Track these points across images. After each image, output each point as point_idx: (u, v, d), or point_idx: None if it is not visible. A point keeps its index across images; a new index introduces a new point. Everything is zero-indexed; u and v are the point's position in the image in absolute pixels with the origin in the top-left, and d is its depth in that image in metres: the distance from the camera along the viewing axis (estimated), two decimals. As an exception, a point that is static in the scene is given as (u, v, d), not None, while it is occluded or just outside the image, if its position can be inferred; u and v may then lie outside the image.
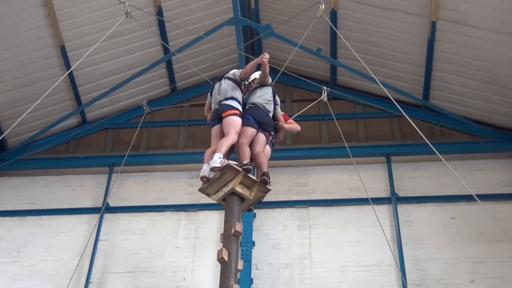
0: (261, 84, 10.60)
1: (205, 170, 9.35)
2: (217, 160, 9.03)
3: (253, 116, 10.00)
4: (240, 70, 10.62)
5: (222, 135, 9.76)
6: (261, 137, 10.02)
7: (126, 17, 11.68)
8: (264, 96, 10.41)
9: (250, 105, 10.35)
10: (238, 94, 10.29)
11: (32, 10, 13.71)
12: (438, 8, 13.58)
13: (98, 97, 15.60)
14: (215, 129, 10.05)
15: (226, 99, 10.09)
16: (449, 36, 14.07)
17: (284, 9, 15.46)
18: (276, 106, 10.71)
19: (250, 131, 9.83)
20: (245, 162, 9.19)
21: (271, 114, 10.40)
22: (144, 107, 13.36)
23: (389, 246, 12.38)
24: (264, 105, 10.28)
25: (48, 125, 15.71)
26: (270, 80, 10.65)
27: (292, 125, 11.04)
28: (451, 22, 13.72)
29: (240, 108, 10.09)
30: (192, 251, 14.14)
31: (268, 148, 10.19)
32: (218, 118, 9.99)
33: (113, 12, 13.71)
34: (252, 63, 10.36)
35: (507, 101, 14.54)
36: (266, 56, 10.14)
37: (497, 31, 13.25)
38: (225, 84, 10.38)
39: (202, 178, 9.32)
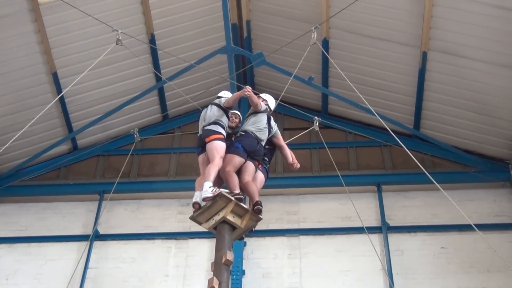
0: (255, 111, 10.40)
1: (197, 196, 9.24)
2: (208, 189, 8.94)
3: (242, 144, 9.79)
4: (226, 97, 10.49)
5: (209, 162, 9.64)
6: (250, 166, 9.81)
7: (117, 44, 11.72)
8: (257, 124, 10.19)
9: (242, 133, 10.17)
10: (224, 120, 10.19)
11: (24, 37, 13.74)
12: (429, 39, 13.70)
13: (89, 124, 15.56)
14: (201, 157, 9.98)
15: (209, 124, 10.02)
16: (440, 66, 14.16)
17: (276, 38, 15.55)
18: (272, 131, 10.48)
19: (237, 159, 9.63)
20: (236, 192, 9.07)
21: (263, 143, 10.19)
22: (135, 135, 13.35)
23: (382, 275, 12.36)
24: (255, 133, 10.04)
25: (39, 152, 15.66)
26: (263, 107, 10.42)
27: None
28: (442, 52, 13.83)
29: (224, 132, 9.98)
30: (182, 279, 14.05)
31: (261, 176, 10.04)
32: (202, 145, 9.88)
33: (105, 40, 13.74)
34: (235, 95, 10.35)
35: (497, 131, 14.61)
36: (247, 89, 10.08)
37: (488, 62, 13.35)
38: (211, 110, 10.30)
39: (194, 204, 9.20)
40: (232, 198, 8.76)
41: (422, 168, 10.18)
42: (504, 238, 13.96)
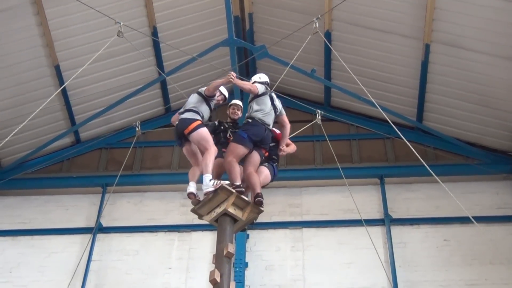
0: (255, 95, 9.91)
1: (191, 186, 9.21)
2: (209, 183, 8.84)
3: (248, 134, 9.37)
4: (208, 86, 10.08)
5: (196, 151, 9.54)
6: (255, 156, 9.49)
7: (118, 36, 11.69)
8: (261, 108, 9.75)
9: (248, 120, 9.69)
10: (203, 108, 9.76)
11: (27, 29, 13.73)
12: (432, 31, 13.67)
13: (92, 116, 15.60)
14: (186, 149, 9.67)
15: (184, 111, 9.68)
16: (442, 59, 14.14)
17: (279, 31, 15.52)
18: (277, 111, 10.08)
19: (241, 150, 9.30)
20: (237, 184, 8.94)
21: (271, 126, 9.85)
22: (137, 128, 13.33)
23: (383, 268, 12.36)
24: (262, 119, 9.64)
25: (42, 145, 15.68)
26: (260, 89, 9.89)
27: (291, 147, 10.40)
28: (445, 44, 13.80)
29: (199, 117, 9.51)
30: (185, 272, 14.09)
31: (266, 171, 9.73)
32: (182, 136, 9.50)
33: (108, 32, 13.73)
34: (217, 83, 9.90)
35: (500, 123, 14.60)
36: (231, 75, 9.68)
37: (491, 54, 13.33)
38: (191, 98, 10.01)
39: (189, 195, 9.20)
40: (233, 191, 8.74)
41: (422, 161, 10.22)
42: (506, 231, 13.97)
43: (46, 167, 16.17)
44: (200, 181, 9.13)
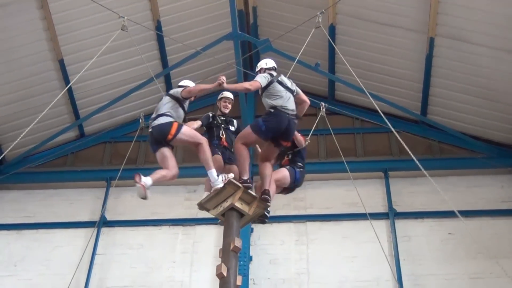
0: (263, 88, 9.13)
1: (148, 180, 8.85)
2: (217, 179, 8.71)
3: (266, 126, 8.72)
4: (185, 87, 9.67)
5: (169, 155, 9.10)
6: (273, 152, 9.11)
7: (122, 30, 11.67)
8: (278, 95, 8.98)
9: (271, 110, 8.88)
10: (179, 113, 9.40)
11: (31, 24, 13.75)
12: (436, 25, 13.64)
13: (96, 110, 15.59)
14: (160, 154, 9.14)
15: (157, 117, 9.17)
16: (447, 52, 14.11)
17: (283, 25, 15.49)
18: (294, 92, 9.33)
19: (253, 138, 8.83)
20: (245, 178, 8.80)
21: (294, 111, 9.04)
22: (141, 120, 13.32)
23: (388, 262, 12.36)
24: (285, 107, 8.85)
25: (46, 139, 15.70)
26: (263, 81, 9.09)
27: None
28: (449, 38, 13.78)
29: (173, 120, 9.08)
30: (189, 265, 14.10)
31: (285, 172, 9.29)
32: (159, 142, 9.04)
33: (112, 26, 13.72)
34: (203, 87, 9.59)
35: (505, 117, 14.57)
36: (221, 80, 9.02)
37: (495, 48, 13.30)
38: (163, 101, 9.53)
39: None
40: (241, 186, 8.73)
41: (411, 155, 10.00)
42: (511, 224, 13.95)
43: (50, 161, 16.21)
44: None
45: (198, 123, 10.13)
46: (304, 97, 9.64)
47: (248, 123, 14.25)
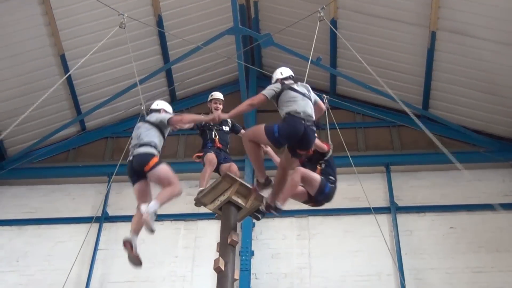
0: (276, 98, 8.25)
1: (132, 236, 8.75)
2: (149, 210, 8.41)
3: (280, 133, 7.69)
4: (170, 114, 9.28)
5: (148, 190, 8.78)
6: (290, 159, 8.08)
7: (120, 27, 11.68)
8: (291, 100, 8.00)
9: (285, 115, 7.88)
10: (159, 141, 8.91)
11: (32, 19, 13.75)
12: (438, 18, 13.62)
13: (98, 106, 15.59)
14: (138, 186, 8.79)
15: (140, 145, 8.67)
16: (448, 46, 14.10)
17: (284, 19, 15.47)
18: (312, 99, 8.34)
19: (263, 139, 7.90)
20: (262, 180, 8.23)
21: (313, 117, 8.01)
22: (142, 107, 13.33)
23: (391, 255, 12.37)
24: (301, 111, 7.83)
25: (48, 134, 15.70)
26: (268, 94, 8.21)
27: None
28: (451, 32, 13.76)
29: (156, 152, 8.68)
30: (191, 260, 14.12)
31: (316, 176, 8.68)
32: (138, 172, 8.59)
33: (114, 21, 13.64)
34: (196, 118, 9.28)
35: (506, 110, 14.56)
36: (218, 116, 8.54)
37: (497, 41, 13.28)
38: (142, 128, 9.00)
39: (125, 243, 8.72)
40: (238, 179, 8.72)
41: (445, 150, 9.28)
42: (513, 218, 13.97)
43: (52, 157, 16.23)
44: None
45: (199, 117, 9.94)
46: (321, 105, 8.77)
47: (250, 120, 14.34)
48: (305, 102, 8.02)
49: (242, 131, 10.59)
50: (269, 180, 8.30)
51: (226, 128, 10.43)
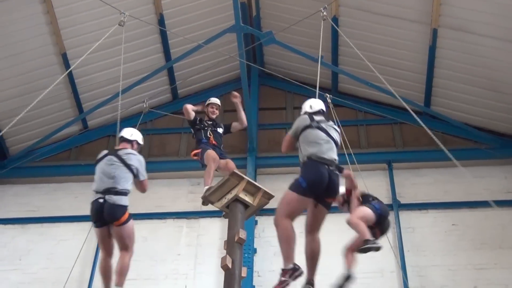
0: (299, 134, 7.80)
1: None
2: None
3: (307, 182, 7.29)
4: (144, 176, 9.29)
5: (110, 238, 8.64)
6: (321, 212, 7.90)
7: (119, 25, 11.70)
8: (313, 141, 7.54)
9: (305, 160, 7.50)
10: (130, 188, 8.76)
11: (33, 18, 13.75)
12: (440, 15, 13.62)
13: (99, 104, 15.60)
14: (102, 232, 8.63)
15: (116, 193, 8.56)
16: (450, 43, 14.10)
17: (286, 17, 15.49)
18: (338, 142, 7.87)
19: (295, 199, 7.38)
20: (290, 267, 7.71)
21: (337, 160, 7.57)
22: (145, 105, 13.31)
23: (393, 253, 12.37)
24: (322, 156, 7.33)
25: (50, 133, 15.72)
26: (291, 135, 8.04)
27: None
28: (453, 29, 13.75)
29: (127, 204, 8.58)
30: (194, 258, 14.12)
31: (364, 209, 8.80)
32: (103, 220, 8.49)
33: (115, 20, 13.63)
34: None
35: (508, 107, 14.56)
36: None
37: (498, 38, 13.27)
38: (120, 170, 8.91)
39: None
40: (244, 177, 8.72)
41: (443, 148, 9.07)
42: (515, 215, 13.96)
43: (54, 155, 16.26)
44: None
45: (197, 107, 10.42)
46: (349, 174, 8.69)
47: (252, 118, 14.35)
48: (330, 147, 7.57)
49: (233, 123, 10.98)
50: (298, 266, 7.80)
51: (220, 131, 10.80)
